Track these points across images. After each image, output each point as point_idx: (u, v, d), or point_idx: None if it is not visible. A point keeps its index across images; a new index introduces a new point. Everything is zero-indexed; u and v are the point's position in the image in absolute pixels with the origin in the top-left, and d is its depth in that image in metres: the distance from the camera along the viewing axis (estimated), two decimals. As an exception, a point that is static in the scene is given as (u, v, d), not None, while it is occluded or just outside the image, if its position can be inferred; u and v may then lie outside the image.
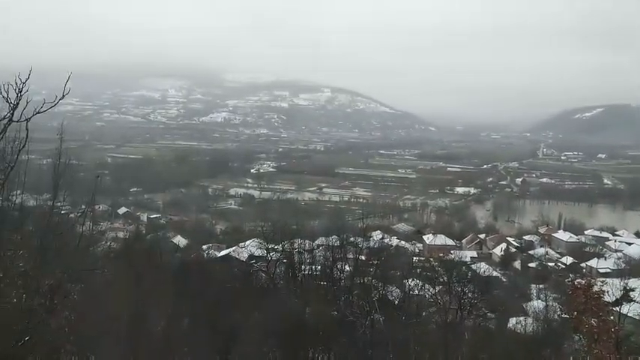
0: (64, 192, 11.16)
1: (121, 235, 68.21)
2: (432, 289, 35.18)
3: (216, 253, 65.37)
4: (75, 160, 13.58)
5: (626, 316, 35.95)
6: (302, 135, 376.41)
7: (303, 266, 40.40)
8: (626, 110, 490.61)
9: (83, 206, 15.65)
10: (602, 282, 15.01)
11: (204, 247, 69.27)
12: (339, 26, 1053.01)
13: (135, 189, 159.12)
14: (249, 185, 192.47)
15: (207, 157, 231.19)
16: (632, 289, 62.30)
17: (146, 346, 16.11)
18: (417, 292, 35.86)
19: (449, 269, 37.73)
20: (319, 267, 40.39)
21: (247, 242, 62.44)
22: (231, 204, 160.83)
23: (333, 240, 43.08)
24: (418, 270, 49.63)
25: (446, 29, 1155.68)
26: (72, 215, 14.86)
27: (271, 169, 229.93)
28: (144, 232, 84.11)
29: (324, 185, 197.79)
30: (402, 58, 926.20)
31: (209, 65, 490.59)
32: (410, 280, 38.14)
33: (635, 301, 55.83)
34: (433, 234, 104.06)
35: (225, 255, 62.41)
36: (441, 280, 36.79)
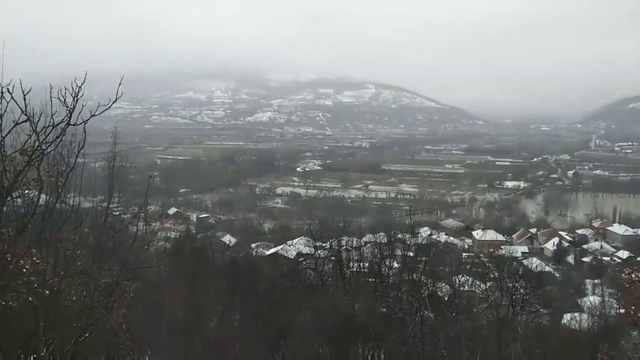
0: (118, 193, 11.54)
1: (172, 234, 69.93)
2: (482, 285, 34.60)
3: (264, 251, 66.05)
4: (127, 162, 14.00)
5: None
6: (347, 132, 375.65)
7: (351, 263, 40.36)
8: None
9: (134, 207, 16.18)
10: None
11: (253, 245, 69.98)
12: (386, 24, 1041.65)
13: (184, 189, 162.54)
14: (296, 184, 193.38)
15: (253, 156, 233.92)
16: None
17: (200, 342, 16.49)
18: (467, 288, 35.32)
19: (499, 265, 37.03)
20: (367, 264, 40.28)
21: (295, 240, 62.79)
22: (278, 203, 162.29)
23: (381, 237, 42.92)
24: (468, 266, 48.84)
25: (493, 21, 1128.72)
26: (126, 216, 15.33)
27: (317, 167, 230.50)
28: (194, 231, 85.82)
29: (370, 182, 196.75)
30: (449, 52, 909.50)
31: (253, 65, 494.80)
32: (460, 277, 37.56)
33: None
34: (482, 229, 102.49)
35: (274, 253, 63.01)
36: (492, 275, 36.12)
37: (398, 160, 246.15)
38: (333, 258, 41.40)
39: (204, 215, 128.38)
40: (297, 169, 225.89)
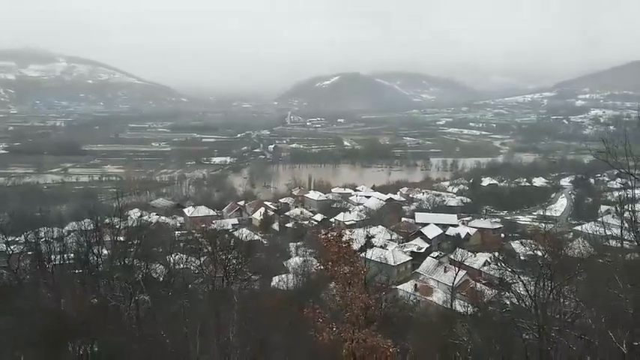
0: None
1: None
2: (197, 261, 35.07)
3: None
4: None
5: (370, 259, 40.83)
6: (37, 110, 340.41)
7: (53, 256, 36.83)
8: (357, 78, 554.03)
9: None
10: (350, 232, 16.58)
11: None
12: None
13: None
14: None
15: None
16: (373, 236, 71.41)
17: None
18: (182, 265, 35.46)
19: (212, 239, 37.91)
20: (72, 254, 37.34)
21: (-21, 238, 54.29)
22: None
23: (86, 224, 39.98)
24: (182, 244, 49.05)
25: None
26: None
27: (2, 151, 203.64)
28: None
29: (69, 165, 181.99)
30: (153, 28, 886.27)
31: None
32: (174, 255, 37.51)
33: (375, 246, 64.19)
34: (194, 206, 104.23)
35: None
36: (205, 250, 36.84)
37: (100, 140, 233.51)
38: (30, 253, 37.30)
39: None
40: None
